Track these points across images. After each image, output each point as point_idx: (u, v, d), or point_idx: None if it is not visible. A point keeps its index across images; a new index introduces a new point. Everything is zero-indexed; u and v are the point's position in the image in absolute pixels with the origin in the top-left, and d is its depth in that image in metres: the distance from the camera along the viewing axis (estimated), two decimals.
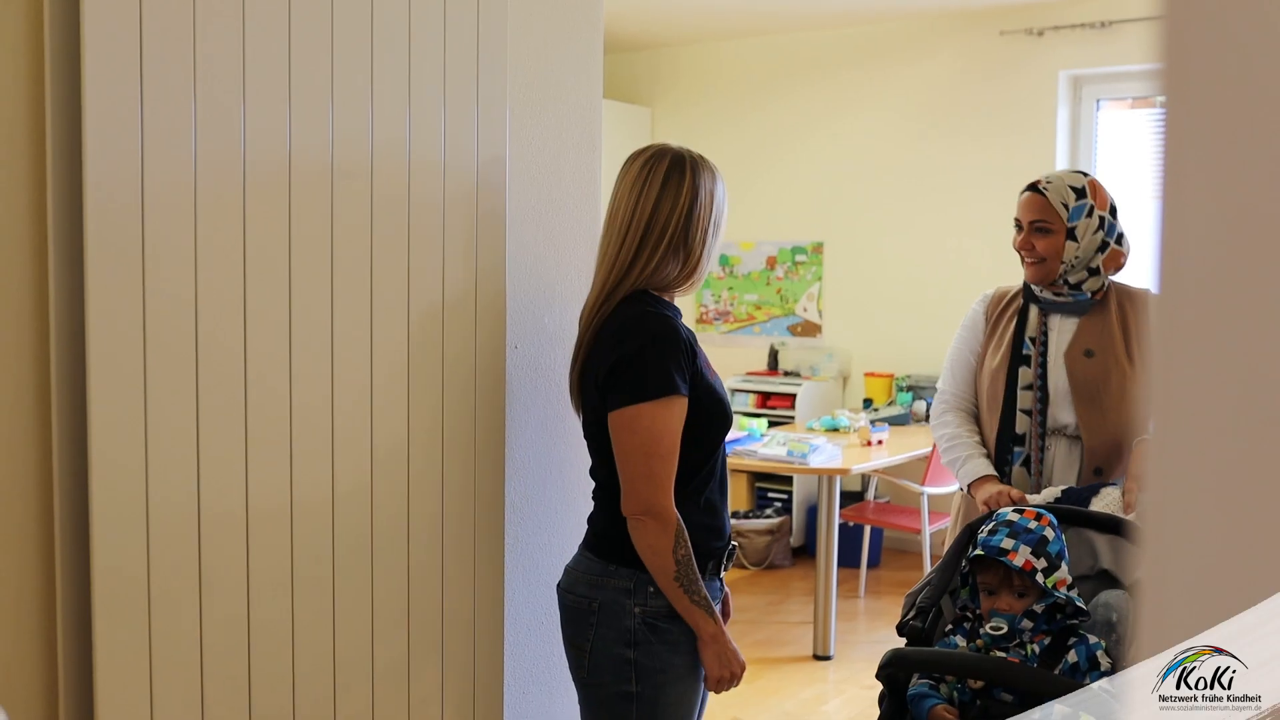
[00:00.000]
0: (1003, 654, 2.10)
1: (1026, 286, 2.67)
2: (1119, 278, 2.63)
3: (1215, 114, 0.57)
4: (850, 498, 6.03)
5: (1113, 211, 2.56)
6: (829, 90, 6.66)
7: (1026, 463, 2.58)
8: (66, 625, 1.73)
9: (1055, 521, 2.21)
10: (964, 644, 2.17)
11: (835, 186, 6.66)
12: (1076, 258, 2.51)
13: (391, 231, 2.06)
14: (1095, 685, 1.74)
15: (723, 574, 2.23)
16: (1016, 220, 2.60)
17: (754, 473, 6.37)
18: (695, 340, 2.13)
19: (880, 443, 5.27)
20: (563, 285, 2.50)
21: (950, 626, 2.24)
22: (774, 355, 6.87)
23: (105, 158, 1.67)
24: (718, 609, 2.22)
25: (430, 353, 2.15)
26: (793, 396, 6.49)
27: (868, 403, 6.33)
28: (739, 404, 6.68)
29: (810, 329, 6.86)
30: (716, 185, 2.16)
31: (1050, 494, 2.42)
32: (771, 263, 6.93)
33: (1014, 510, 2.25)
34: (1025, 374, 2.58)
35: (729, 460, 5.01)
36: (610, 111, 6.62)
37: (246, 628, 1.89)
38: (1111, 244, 2.55)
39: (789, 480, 6.36)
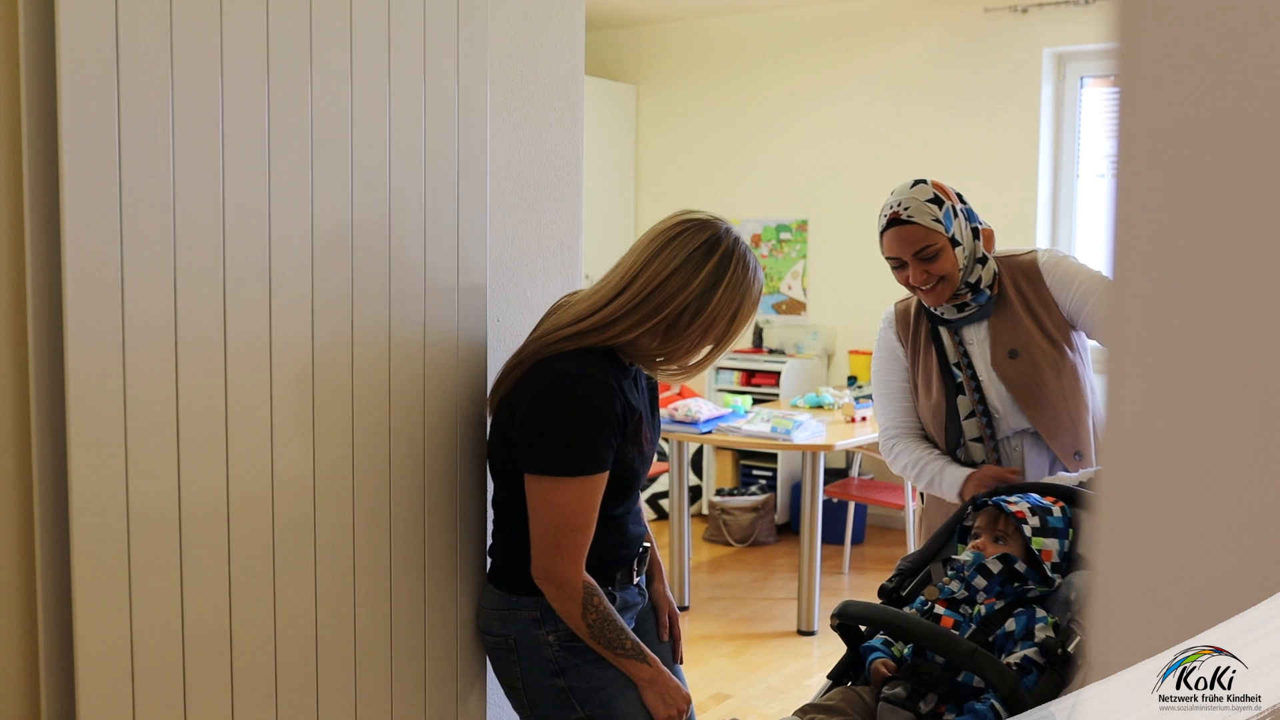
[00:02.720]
0: (953, 610, 2.14)
1: (923, 308, 2.59)
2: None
3: (1168, 92, 0.56)
4: (834, 474, 6.05)
5: (960, 198, 2.53)
6: (814, 68, 6.65)
7: None
8: (46, 586, 1.73)
9: (1067, 509, 2.25)
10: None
11: (820, 164, 6.66)
12: (967, 257, 2.47)
13: (372, 206, 2.06)
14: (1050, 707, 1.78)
15: (638, 576, 2.18)
16: (894, 258, 2.48)
17: (739, 450, 6.38)
18: (633, 409, 2.01)
19: (864, 419, 5.28)
20: (545, 260, 2.50)
21: None
22: (759, 333, 6.88)
23: (79, 133, 1.66)
24: (646, 605, 2.20)
25: (412, 327, 2.15)
26: (777, 374, 6.50)
27: (852, 380, 6.34)
28: (724, 381, 6.69)
29: (795, 307, 6.87)
30: (746, 288, 1.99)
31: (1086, 474, 2.42)
32: (756, 240, 6.93)
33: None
34: (964, 403, 2.52)
35: (714, 438, 5.07)
36: (593, 88, 6.59)
37: (227, 587, 1.89)
38: (980, 227, 2.52)
39: (773, 458, 6.38)
